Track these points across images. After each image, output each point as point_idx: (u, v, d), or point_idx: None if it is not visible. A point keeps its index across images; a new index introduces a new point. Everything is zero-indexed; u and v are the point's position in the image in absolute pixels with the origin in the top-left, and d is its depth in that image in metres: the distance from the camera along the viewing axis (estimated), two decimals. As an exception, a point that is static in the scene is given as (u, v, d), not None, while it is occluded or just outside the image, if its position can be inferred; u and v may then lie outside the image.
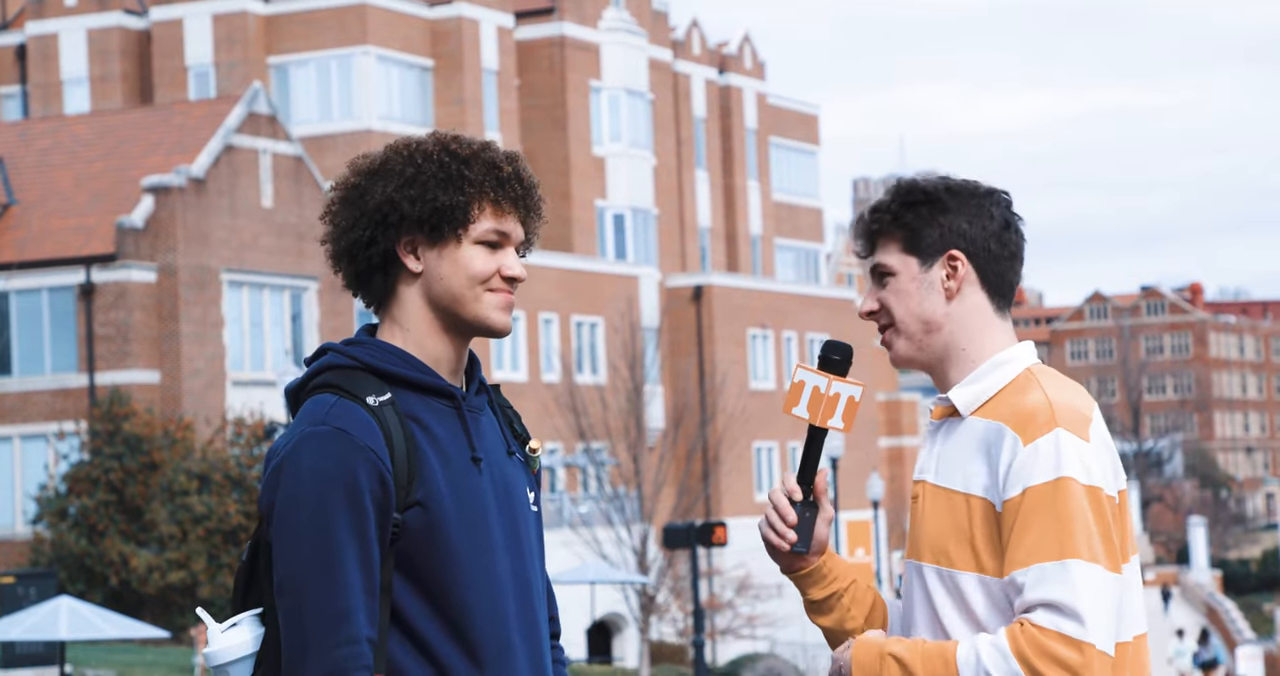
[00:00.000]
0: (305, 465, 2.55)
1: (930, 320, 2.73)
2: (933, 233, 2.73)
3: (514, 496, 2.71)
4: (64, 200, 33.28)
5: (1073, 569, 2.54)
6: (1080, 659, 2.51)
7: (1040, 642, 2.52)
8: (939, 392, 2.79)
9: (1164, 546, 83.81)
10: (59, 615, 19.87)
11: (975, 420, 2.69)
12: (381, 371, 2.64)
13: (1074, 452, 2.60)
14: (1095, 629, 2.53)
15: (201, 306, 31.98)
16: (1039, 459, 2.59)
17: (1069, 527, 2.56)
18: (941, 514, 2.69)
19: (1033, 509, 2.58)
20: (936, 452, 2.74)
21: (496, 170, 2.67)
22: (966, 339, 2.73)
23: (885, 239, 2.76)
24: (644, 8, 49.07)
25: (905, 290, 2.74)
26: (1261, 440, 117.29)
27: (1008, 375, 2.71)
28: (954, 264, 2.73)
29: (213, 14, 41.81)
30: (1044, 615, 2.54)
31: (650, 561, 32.88)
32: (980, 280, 2.74)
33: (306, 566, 2.52)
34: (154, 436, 29.59)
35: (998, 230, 2.75)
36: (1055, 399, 2.65)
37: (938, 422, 2.77)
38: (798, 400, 2.75)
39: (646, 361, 37.62)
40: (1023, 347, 2.76)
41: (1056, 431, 2.61)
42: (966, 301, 2.74)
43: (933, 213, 2.74)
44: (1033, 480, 2.59)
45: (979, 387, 2.71)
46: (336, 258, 2.70)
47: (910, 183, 2.77)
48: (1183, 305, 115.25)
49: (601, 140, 46.35)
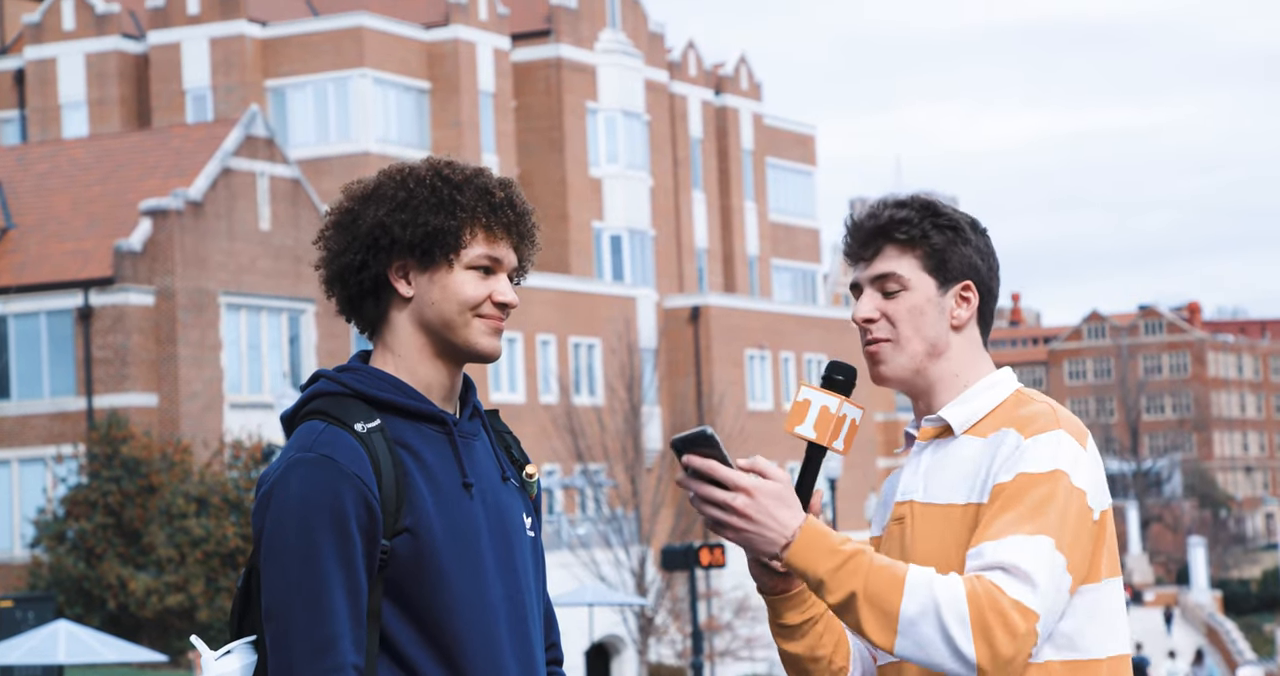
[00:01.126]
0: (292, 492, 2.55)
1: (936, 344, 2.73)
2: (956, 259, 2.74)
3: (508, 522, 2.70)
4: (62, 224, 33.31)
5: (1042, 544, 2.54)
6: (1025, 625, 2.50)
7: (995, 597, 2.50)
8: (919, 415, 2.78)
9: (1164, 567, 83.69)
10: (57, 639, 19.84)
11: (970, 438, 2.69)
12: (371, 398, 2.64)
13: (1071, 453, 2.62)
14: (1045, 604, 2.53)
15: (199, 329, 31.98)
16: (1037, 451, 2.61)
17: (1049, 512, 2.57)
18: (937, 530, 2.67)
19: (1021, 490, 2.59)
20: (924, 472, 2.72)
21: (489, 196, 2.68)
22: (961, 366, 2.74)
23: (900, 251, 2.74)
24: (640, 29, 49.20)
25: (919, 308, 2.72)
26: (1261, 459, 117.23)
27: (1000, 395, 2.73)
28: (966, 295, 2.75)
29: (210, 38, 41.90)
30: (1001, 576, 2.53)
31: (649, 583, 32.83)
32: (978, 315, 2.77)
33: (292, 593, 2.52)
34: (152, 459, 29.56)
35: (997, 269, 2.80)
36: (1058, 408, 2.69)
37: (924, 444, 2.75)
38: (802, 418, 2.69)
39: (644, 382, 37.62)
40: (1007, 372, 2.79)
41: (1059, 431, 2.64)
42: (967, 332, 2.76)
43: (957, 240, 2.75)
44: (1027, 467, 2.60)
45: (973, 407, 2.72)
46: (329, 282, 2.71)
47: (935, 204, 2.76)
48: (1181, 324, 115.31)
49: (598, 161, 46.42)
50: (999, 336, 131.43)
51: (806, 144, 57.78)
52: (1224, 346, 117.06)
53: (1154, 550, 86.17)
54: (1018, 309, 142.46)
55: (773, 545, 2.57)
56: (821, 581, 2.55)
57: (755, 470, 2.57)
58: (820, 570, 2.55)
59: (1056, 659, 2.62)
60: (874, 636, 2.54)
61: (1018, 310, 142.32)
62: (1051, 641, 2.61)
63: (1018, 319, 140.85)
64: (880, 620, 2.52)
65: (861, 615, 2.53)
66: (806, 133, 57.96)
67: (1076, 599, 2.62)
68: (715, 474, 2.56)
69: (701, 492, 2.56)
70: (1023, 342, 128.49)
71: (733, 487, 2.55)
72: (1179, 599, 64.65)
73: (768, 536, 2.56)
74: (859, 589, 2.53)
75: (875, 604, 2.52)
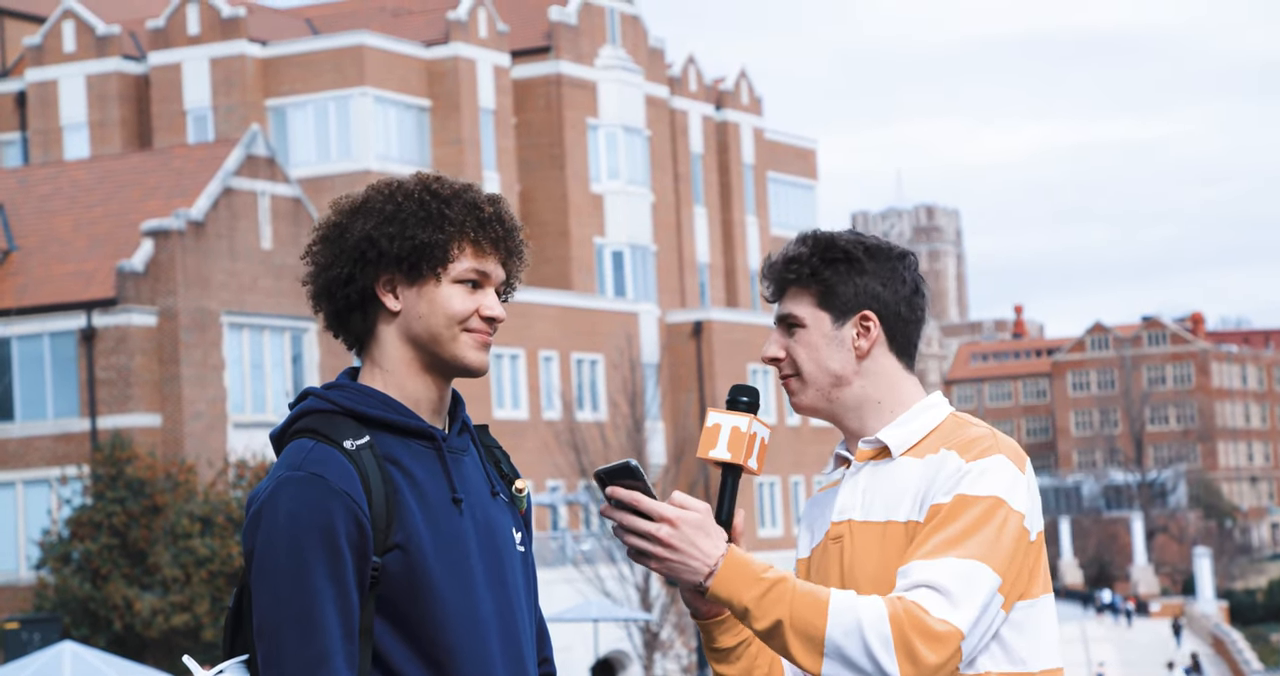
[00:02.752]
0: (282, 510, 2.55)
1: (840, 375, 2.78)
2: (848, 291, 2.78)
3: (498, 537, 2.70)
4: (64, 245, 33.36)
5: (973, 568, 2.59)
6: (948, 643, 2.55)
7: (916, 616, 2.55)
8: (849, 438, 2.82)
9: (1169, 577, 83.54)
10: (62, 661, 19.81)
11: (909, 459, 2.74)
12: (360, 414, 2.64)
13: (1010, 478, 2.67)
14: (969, 624, 2.58)
15: (202, 349, 32.01)
16: (976, 475, 2.66)
17: (983, 535, 2.62)
18: (877, 548, 2.72)
19: (956, 511, 2.64)
20: (861, 491, 2.76)
21: (478, 211, 2.68)
22: (879, 393, 2.79)
23: (798, 290, 2.81)
24: (640, 45, 49.28)
25: (814, 344, 2.79)
26: (1265, 469, 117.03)
27: (936, 418, 2.78)
28: (866, 324, 2.79)
29: (210, 58, 41.99)
30: (925, 593, 2.58)
31: (653, 598, 32.80)
32: (889, 341, 2.80)
33: (283, 611, 2.53)
34: (156, 479, 29.56)
35: (908, 295, 2.81)
36: (997, 433, 2.75)
37: (860, 465, 2.79)
38: (714, 442, 2.71)
39: (647, 397, 37.62)
40: (938, 396, 2.83)
41: (999, 456, 2.69)
42: (876, 361, 2.79)
43: (850, 272, 2.78)
44: (966, 490, 2.66)
45: (910, 429, 2.77)
46: (316, 296, 2.71)
47: (829, 238, 2.81)
48: (1184, 335, 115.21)
49: (599, 177, 46.47)
50: (1003, 348, 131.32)
51: (807, 158, 57.82)
52: (1228, 357, 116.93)
53: (1159, 561, 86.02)
54: (1021, 321, 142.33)
55: (696, 574, 2.61)
56: (746, 609, 2.59)
57: (675, 503, 2.62)
58: (745, 598, 2.59)
59: (995, 671, 2.67)
60: (801, 661, 2.58)
61: (1021, 322, 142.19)
62: (988, 654, 2.67)
63: (1021, 331, 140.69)
64: (806, 645, 2.56)
65: (788, 641, 2.58)
66: (807, 146, 58.01)
67: (1014, 614, 2.68)
68: (639, 505, 2.60)
69: (625, 523, 2.61)
70: (1026, 354, 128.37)
71: (656, 518, 2.60)
72: (1185, 609, 64.52)
73: (691, 566, 2.60)
74: (784, 616, 2.57)
75: (800, 629, 2.57)
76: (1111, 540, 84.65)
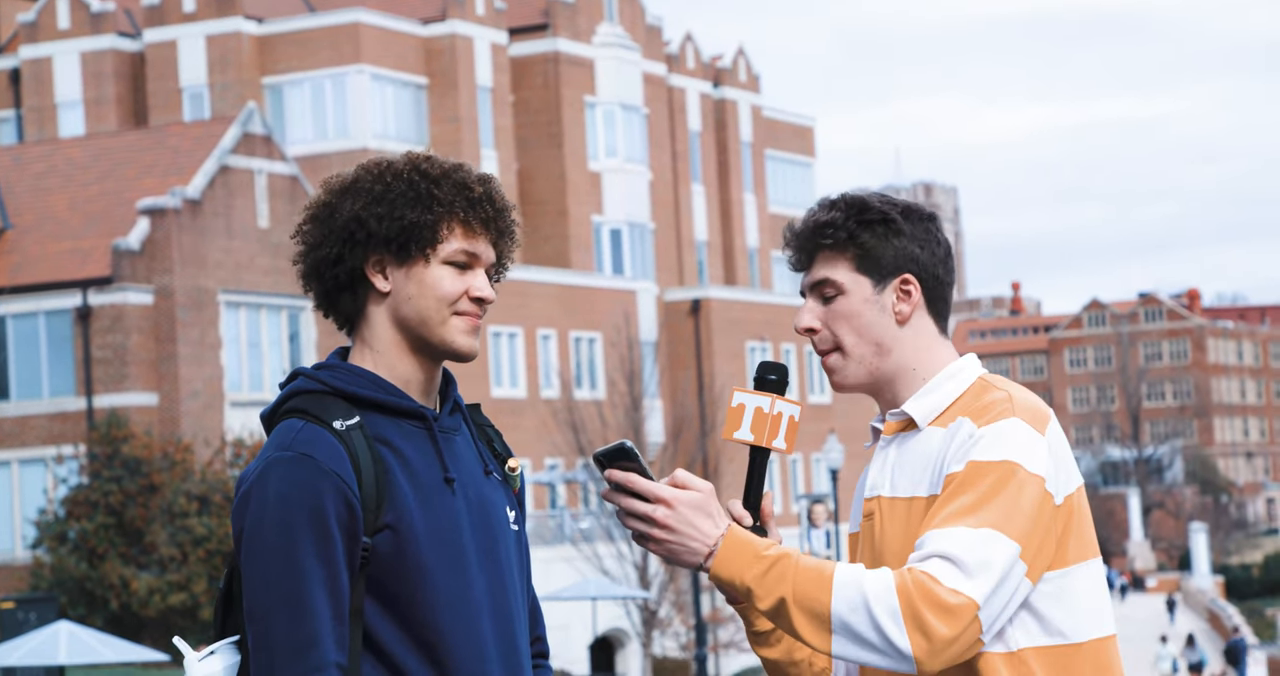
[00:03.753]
0: (271, 491, 2.54)
1: (882, 343, 2.70)
2: (888, 254, 2.70)
3: (490, 516, 2.68)
4: (60, 224, 33.30)
5: (986, 535, 2.50)
6: (961, 608, 2.46)
7: (925, 586, 2.47)
8: (883, 410, 2.75)
9: (1165, 553, 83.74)
10: (58, 639, 19.84)
11: (934, 429, 2.66)
12: (350, 394, 2.62)
13: (1025, 440, 2.58)
14: (983, 590, 2.48)
15: (199, 328, 31.97)
16: (989, 439, 2.58)
17: (997, 502, 2.53)
18: (902, 524, 2.65)
19: (969, 479, 2.56)
20: (890, 466, 2.70)
21: (467, 191, 2.65)
22: (916, 360, 2.71)
23: (832, 255, 2.72)
24: (637, 23, 49.14)
25: (856, 311, 2.70)
26: (1261, 445, 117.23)
27: (962, 384, 2.69)
28: (907, 288, 2.71)
29: (206, 35, 41.86)
30: (936, 563, 2.49)
31: (652, 576, 32.83)
32: (927, 305, 2.72)
33: (273, 592, 2.51)
34: (153, 458, 29.56)
35: (943, 256, 2.74)
36: (1015, 395, 2.65)
37: (889, 438, 2.72)
38: (739, 424, 2.66)
39: (645, 375, 37.61)
40: (970, 360, 2.74)
41: (1012, 419, 2.60)
42: (916, 325, 2.71)
43: (888, 234, 2.70)
44: (978, 456, 2.57)
45: (935, 398, 2.69)
46: (306, 276, 2.69)
47: (862, 200, 2.73)
48: (1181, 311, 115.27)
49: (597, 155, 46.38)
50: (1001, 325, 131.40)
51: (805, 135, 57.73)
52: (1224, 333, 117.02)
53: (1156, 536, 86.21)
54: (1018, 298, 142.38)
55: (696, 555, 2.55)
56: (749, 589, 2.53)
57: (676, 483, 2.56)
58: (746, 577, 2.53)
59: (1030, 646, 2.58)
60: (809, 638, 2.51)
61: (1018, 299, 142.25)
62: (1022, 627, 2.57)
63: (1018, 308, 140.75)
64: (813, 622, 2.49)
65: (794, 618, 2.50)
66: (805, 124, 57.91)
67: (1046, 585, 2.58)
68: (635, 486, 2.55)
69: (623, 505, 2.56)
70: (1023, 331, 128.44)
71: (653, 500, 2.54)
72: (1181, 585, 64.66)
73: (690, 547, 2.54)
74: (787, 593, 2.50)
75: (805, 606, 2.49)
76: (1108, 516, 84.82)
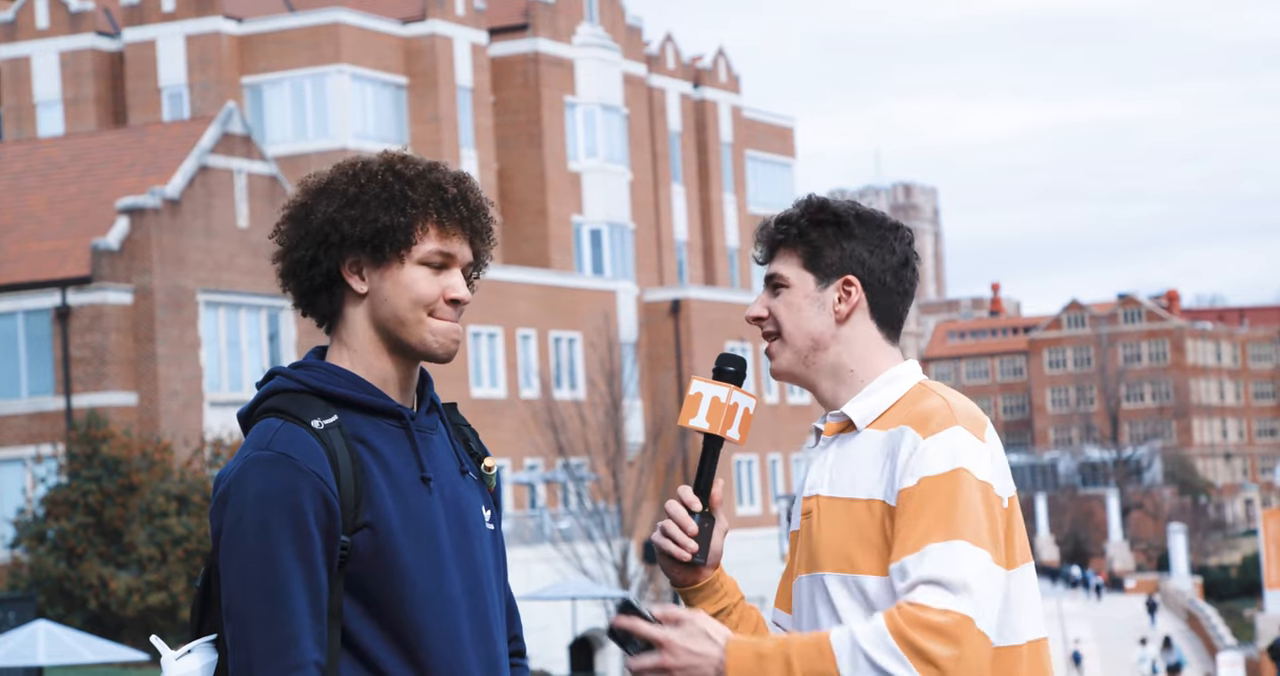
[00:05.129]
0: (250, 491, 2.55)
1: (817, 338, 2.78)
2: (834, 254, 2.79)
3: (467, 515, 2.70)
4: (38, 223, 33.20)
5: (956, 549, 2.57)
6: (955, 626, 2.52)
7: (916, 616, 2.53)
8: (825, 410, 2.82)
9: (1144, 553, 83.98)
10: (37, 639, 19.77)
11: (872, 431, 2.73)
12: (327, 394, 2.64)
13: (970, 448, 2.65)
14: (972, 603, 2.55)
15: (178, 328, 31.91)
16: (936, 451, 2.64)
17: (958, 514, 2.60)
18: (840, 523, 2.71)
19: (925, 496, 2.62)
20: (829, 466, 2.77)
21: (441, 191, 2.66)
22: (854, 361, 2.79)
23: (786, 251, 2.81)
24: (618, 23, 49.16)
25: (797, 304, 2.79)
26: (1240, 446, 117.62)
27: (901, 388, 2.77)
28: (848, 289, 2.79)
29: (186, 35, 41.77)
30: (923, 591, 2.55)
31: (631, 576, 32.85)
32: (870, 309, 2.80)
33: (252, 592, 2.53)
34: (132, 458, 29.48)
35: (896, 265, 2.81)
36: (953, 402, 2.72)
37: (829, 439, 2.79)
38: (695, 411, 2.74)
39: (625, 376, 37.62)
40: (911, 365, 2.82)
41: (955, 428, 2.67)
42: (856, 327, 2.79)
43: (838, 236, 2.79)
44: (928, 470, 2.63)
45: (874, 401, 2.76)
46: (283, 276, 2.71)
47: (821, 201, 2.83)
48: (1160, 313, 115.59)
49: (577, 155, 46.39)
50: (980, 326, 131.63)
51: (785, 136, 57.80)
52: (1203, 334, 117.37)
53: (1134, 537, 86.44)
54: (998, 299, 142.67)
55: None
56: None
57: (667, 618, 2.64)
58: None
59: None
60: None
61: (998, 300, 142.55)
62: None
63: (998, 309, 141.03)
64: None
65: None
66: (785, 125, 57.98)
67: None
68: (637, 631, 2.64)
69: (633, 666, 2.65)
70: (1003, 332, 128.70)
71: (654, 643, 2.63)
72: (1160, 585, 64.85)
73: (703, 671, 2.61)
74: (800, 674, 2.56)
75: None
76: (1087, 517, 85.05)
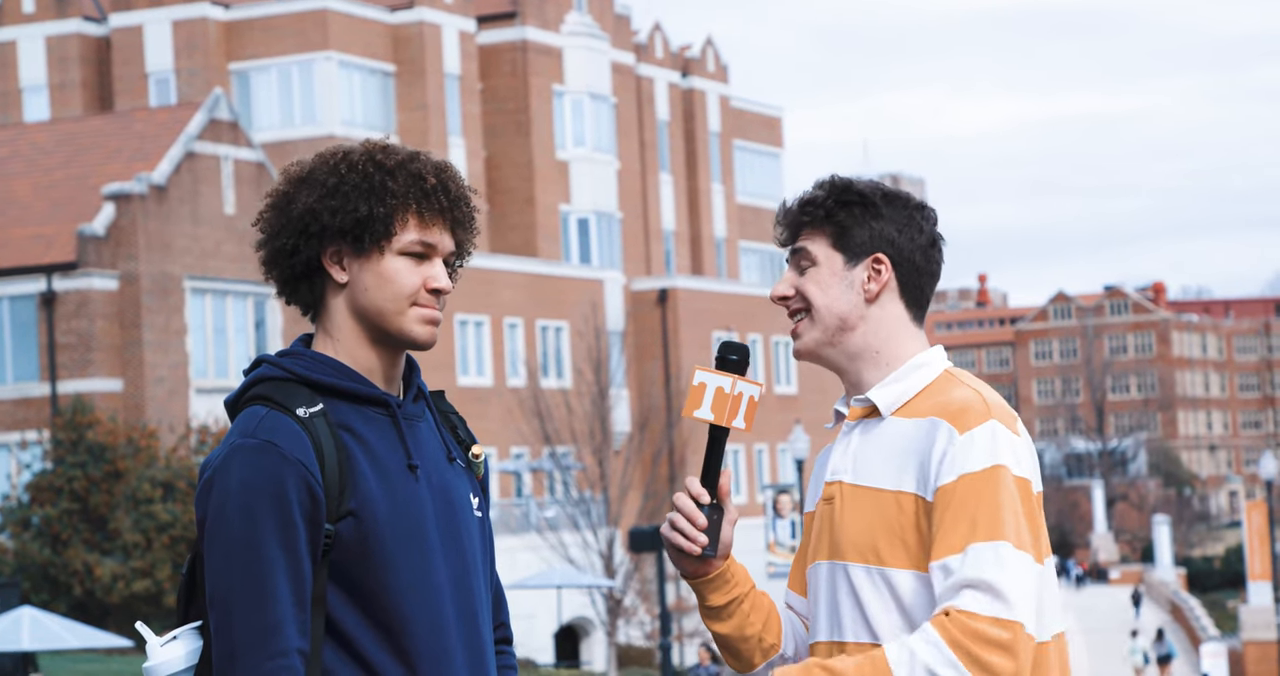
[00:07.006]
0: (234, 478, 2.55)
1: (846, 317, 2.75)
2: (862, 233, 2.75)
3: (454, 503, 2.70)
4: (24, 209, 33.10)
5: (1002, 551, 2.56)
6: (1011, 637, 2.52)
7: (970, 626, 2.51)
8: (847, 392, 2.79)
9: (1129, 545, 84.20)
10: (21, 625, 19.76)
11: (898, 419, 2.70)
12: (313, 382, 2.63)
13: (1007, 444, 2.63)
14: (1021, 610, 2.54)
15: (164, 314, 31.84)
16: (975, 447, 2.61)
17: (1000, 514, 2.58)
18: (866, 513, 2.68)
19: (967, 495, 2.59)
20: (853, 453, 2.73)
21: (421, 181, 2.65)
22: (881, 342, 2.75)
23: (812, 232, 2.78)
24: (606, 12, 49.08)
25: (826, 282, 2.76)
26: (1224, 438, 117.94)
27: (928, 376, 2.73)
28: (878, 267, 2.75)
29: (173, 20, 41.64)
30: (970, 597, 2.54)
31: (617, 565, 32.87)
32: (900, 289, 2.76)
33: (235, 579, 2.52)
34: (117, 445, 29.43)
35: (925, 244, 2.78)
36: (986, 395, 2.69)
37: (853, 424, 2.76)
38: (699, 402, 2.71)
39: (612, 365, 37.61)
40: (937, 351, 2.78)
41: (992, 422, 2.63)
42: (884, 307, 2.76)
43: (865, 215, 2.76)
44: (968, 467, 2.60)
45: (900, 388, 2.72)
46: (265, 264, 2.71)
47: (846, 182, 2.80)
48: (1146, 305, 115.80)
49: (565, 144, 46.34)
50: (967, 317, 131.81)
51: (773, 126, 57.78)
52: (1188, 326, 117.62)
53: (1119, 528, 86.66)
54: (985, 290, 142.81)
55: None
56: None
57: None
58: None
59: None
60: None
61: (984, 291, 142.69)
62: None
63: (984, 300, 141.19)
64: None
65: None
66: (773, 115, 57.96)
67: None
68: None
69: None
70: (989, 323, 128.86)
71: None
72: (1144, 577, 65.04)
73: None
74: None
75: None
76: (1072, 508, 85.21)
